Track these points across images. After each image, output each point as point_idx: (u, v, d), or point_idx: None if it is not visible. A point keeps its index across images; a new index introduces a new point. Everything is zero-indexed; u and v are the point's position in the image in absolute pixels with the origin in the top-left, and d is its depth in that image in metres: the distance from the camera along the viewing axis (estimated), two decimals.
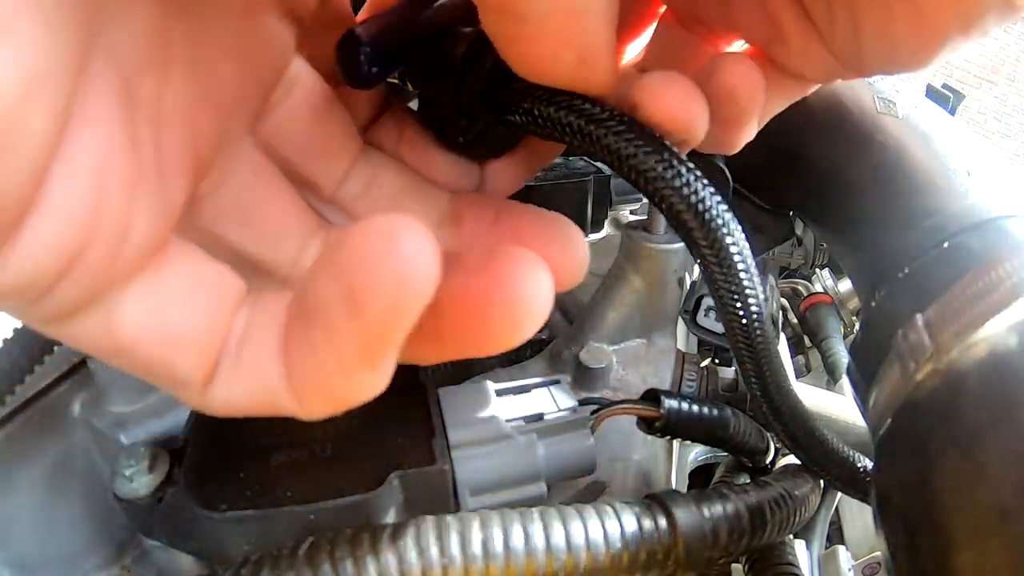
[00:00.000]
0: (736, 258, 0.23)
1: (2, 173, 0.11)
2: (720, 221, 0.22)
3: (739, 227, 0.22)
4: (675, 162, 0.21)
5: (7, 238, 0.12)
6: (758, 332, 0.25)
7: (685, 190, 0.21)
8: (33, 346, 0.28)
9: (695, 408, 0.30)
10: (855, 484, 0.32)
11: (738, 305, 0.24)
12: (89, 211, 0.12)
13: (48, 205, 0.12)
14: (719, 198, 0.22)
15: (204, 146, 0.16)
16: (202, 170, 0.16)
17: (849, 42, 0.20)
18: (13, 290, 0.12)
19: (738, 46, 0.24)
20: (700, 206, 0.22)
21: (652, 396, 0.30)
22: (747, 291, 0.23)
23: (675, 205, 0.21)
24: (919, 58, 0.19)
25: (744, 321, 0.24)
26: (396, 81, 0.25)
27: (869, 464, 0.32)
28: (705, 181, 0.22)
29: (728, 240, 0.22)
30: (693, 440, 0.31)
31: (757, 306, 0.24)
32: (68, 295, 0.13)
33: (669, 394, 0.30)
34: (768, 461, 0.36)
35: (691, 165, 0.21)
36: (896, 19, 0.18)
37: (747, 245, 0.23)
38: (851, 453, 0.32)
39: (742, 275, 0.23)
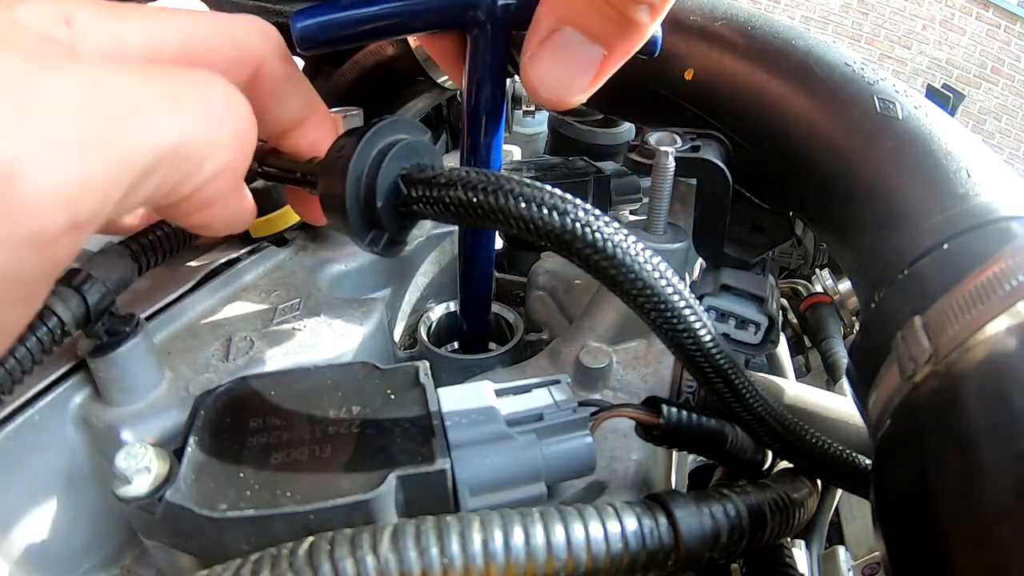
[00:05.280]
0: (669, 290, 0.24)
1: None
2: (641, 258, 0.23)
3: (661, 260, 0.24)
4: (588, 218, 0.23)
5: None
6: (716, 353, 0.26)
7: (608, 249, 0.23)
8: (33, 346, 0.28)
9: (695, 420, 0.30)
10: (847, 478, 0.32)
11: (687, 337, 0.25)
12: None
13: None
14: (634, 237, 0.23)
15: None
16: None
17: None
18: None
19: None
20: (614, 250, 0.23)
21: (654, 403, 0.30)
22: (691, 319, 0.24)
23: (599, 264, 0.23)
24: None
25: (701, 347, 0.25)
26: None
27: (859, 457, 0.32)
28: (616, 225, 0.23)
29: (655, 275, 0.23)
30: (689, 451, 0.31)
31: (707, 330, 0.25)
32: None
33: (671, 403, 0.30)
34: (765, 468, 0.36)
35: (603, 216, 0.23)
36: None
37: (674, 274, 0.24)
38: (840, 448, 0.32)
39: (683, 308, 0.24)
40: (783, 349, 0.73)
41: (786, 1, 5.12)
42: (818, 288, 0.88)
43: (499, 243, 0.66)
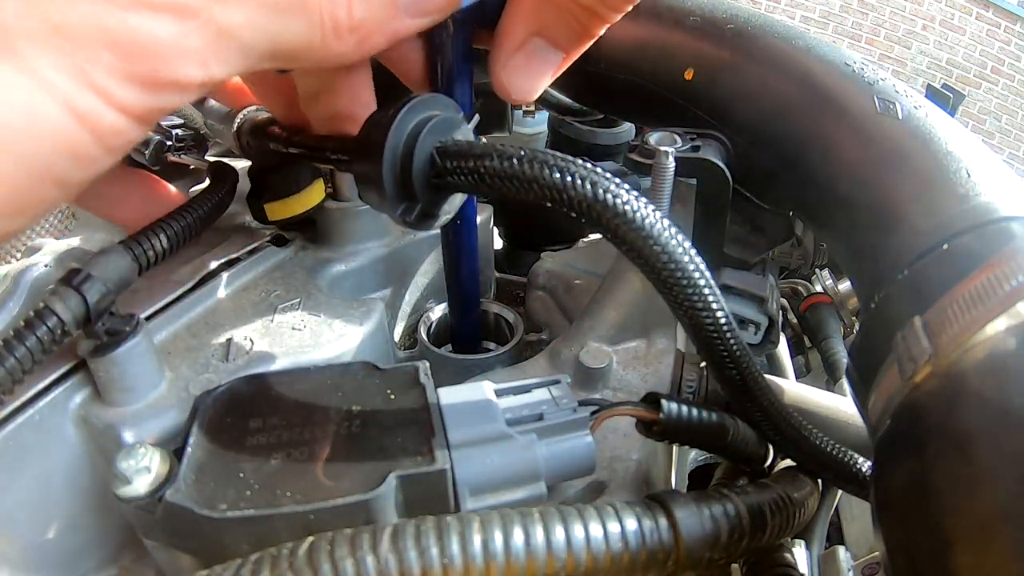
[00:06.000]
0: (691, 267, 0.24)
1: None
2: (667, 233, 0.23)
3: (685, 238, 0.24)
4: (619, 190, 0.23)
5: None
6: (731, 337, 0.25)
7: (638, 220, 0.23)
8: (33, 346, 0.28)
9: (694, 413, 0.30)
10: (847, 478, 0.32)
11: (706, 316, 0.25)
12: None
13: None
14: (661, 213, 0.23)
15: None
16: None
17: None
18: None
19: None
20: (648, 225, 0.23)
21: (652, 399, 0.30)
22: (711, 299, 0.24)
23: (628, 235, 0.23)
24: None
25: (717, 327, 0.25)
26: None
27: (859, 457, 0.33)
28: (646, 200, 0.23)
29: (680, 250, 0.23)
30: (690, 445, 0.31)
31: (724, 313, 0.25)
32: None
33: (670, 398, 0.30)
34: (766, 466, 0.36)
35: (633, 191, 0.23)
36: None
37: (697, 254, 0.24)
38: (842, 448, 0.32)
39: (703, 287, 0.24)
40: (783, 349, 0.73)
41: (786, 1, 5.12)
42: (818, 288, 0.88)
43: (499, 243, 0.66)
